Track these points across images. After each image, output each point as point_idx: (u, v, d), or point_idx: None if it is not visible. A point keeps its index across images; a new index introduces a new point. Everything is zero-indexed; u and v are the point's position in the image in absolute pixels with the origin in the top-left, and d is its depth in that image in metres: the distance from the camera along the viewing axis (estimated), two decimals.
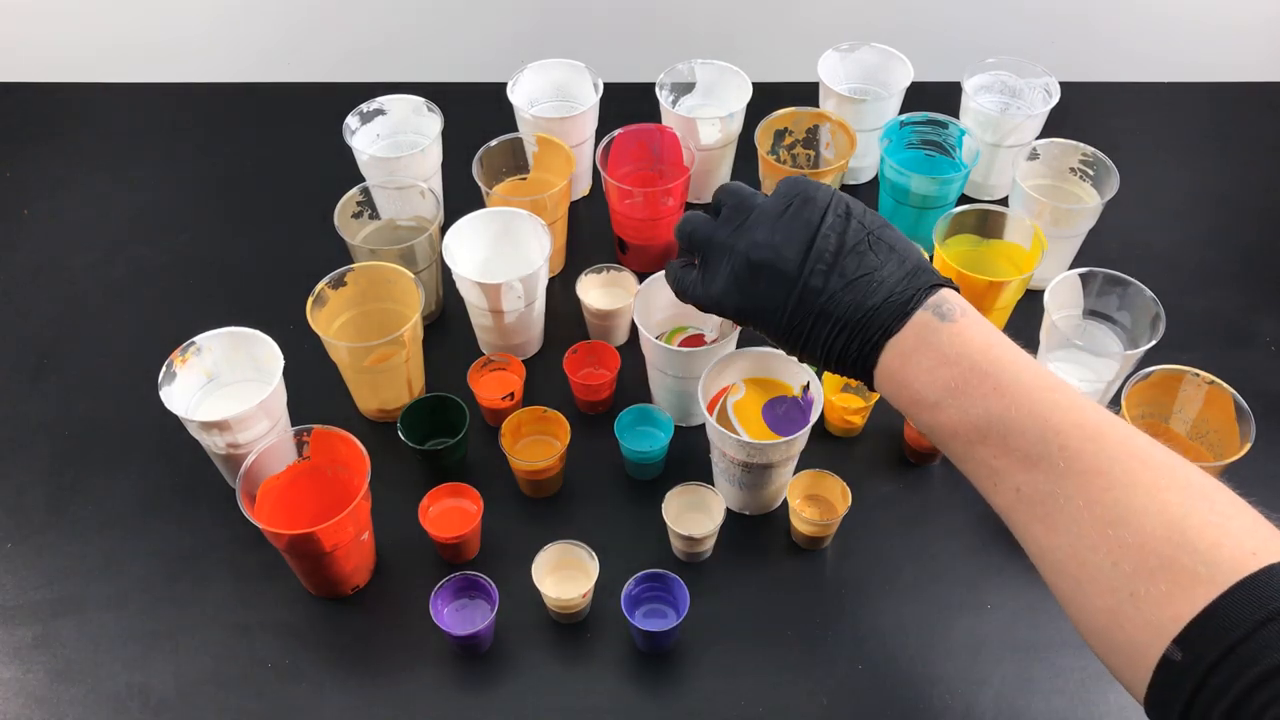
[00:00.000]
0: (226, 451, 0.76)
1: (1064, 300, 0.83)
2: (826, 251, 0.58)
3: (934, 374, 0.55)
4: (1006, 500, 0.54)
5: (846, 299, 0.58)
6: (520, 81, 1.00)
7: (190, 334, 0.77)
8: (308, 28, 1.19)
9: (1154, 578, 0.46)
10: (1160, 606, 0.46)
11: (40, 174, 1.08)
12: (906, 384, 0.57)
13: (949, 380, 0.55)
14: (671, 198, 0.91)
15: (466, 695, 0.70)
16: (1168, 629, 0.45)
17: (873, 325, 0.57)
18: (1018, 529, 0.54)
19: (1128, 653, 0.48)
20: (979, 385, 0.54)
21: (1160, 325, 0.79)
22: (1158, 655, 0.46)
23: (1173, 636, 0.45)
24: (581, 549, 0.72)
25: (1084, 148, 0.92)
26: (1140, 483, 0.49)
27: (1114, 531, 0.48)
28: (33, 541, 0.79)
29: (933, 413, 0.56)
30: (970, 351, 0.55)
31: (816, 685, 0.71)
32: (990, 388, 0.53)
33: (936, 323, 0.56)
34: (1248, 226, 1.02)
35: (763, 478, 0.75)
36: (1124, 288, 0.82)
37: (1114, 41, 1.19)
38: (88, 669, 0.72)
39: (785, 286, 0.59)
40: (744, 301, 0.61)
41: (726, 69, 1.01)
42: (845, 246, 0.58)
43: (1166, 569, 0.46)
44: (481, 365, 0.85)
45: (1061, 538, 0.50)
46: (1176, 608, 0.45)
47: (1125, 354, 0.79)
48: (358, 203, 0.89)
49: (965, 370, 0.54)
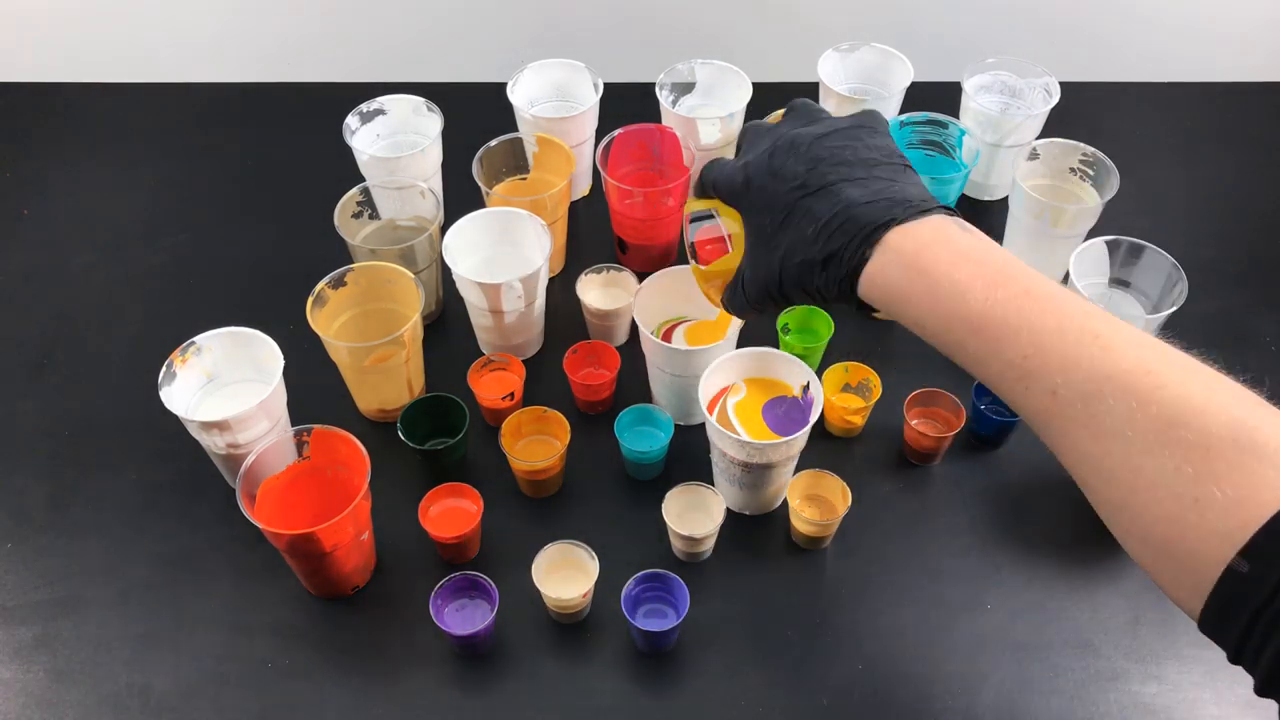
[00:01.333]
0: (226, 451, 0.76)
1: (1088, 269, 0.84)
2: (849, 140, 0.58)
3: (958, 267, 0.52)
4: (1039, 404, 0.49)
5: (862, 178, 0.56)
6: (520, 81, 1.00)
7: (190, 334, 0.78)
8: (308, 28, 1.19)
9: (1220, 482, 0.43)
10: (1227, 514, 0.42)
11: (40, 174, 1.08)
12: (924, 269, 0.52)
13: (975, 275, 0.51)
14: (671, 198, 0.91)
15: (466, 695, 0.70)
16: (1235, 537, 0.42)
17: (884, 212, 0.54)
18: (1053, 436, 0.50)
19: (1188, 564, 0.44)
20: (1008, 285, 0.50)
21: (1181, 289, 0.80)
22: (1221, 566, 0.42)
23: (1239, 546, 0.42)
24: (581, 549, 0.72)
25: (1084, 148, 0.92)
26: (1195, 384, 0.45)
27: (1174, 431, 0.44)
28: (33, 541, 0.79)
29: (953, 303, 0.51)
30: (994, 258, 0.52)
31: (816, 685, 0.71)
32: (1021, 289, 0.50)
33: (954, 226, 0.54)
34: (1248, 226, 1.02)
35: (763, 478, 0.75)
36: (1142, 253, 0.84)
37: (1114, 41, 1.19)
38: (88, 669, 0.72)
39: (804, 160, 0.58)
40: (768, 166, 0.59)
41: (726, 69, 1.01)
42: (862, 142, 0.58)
43: (1233, 471, 0.42)
44: (481, 365, 0.85)
45: (1112, 442, 0.46)
46: (1245, 514, 0.42)
47: (1147, 318, 0.80)
48: (358, 203, 0.89)
49: (992, 270, 0.51)
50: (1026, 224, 0.91)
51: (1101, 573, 0.76)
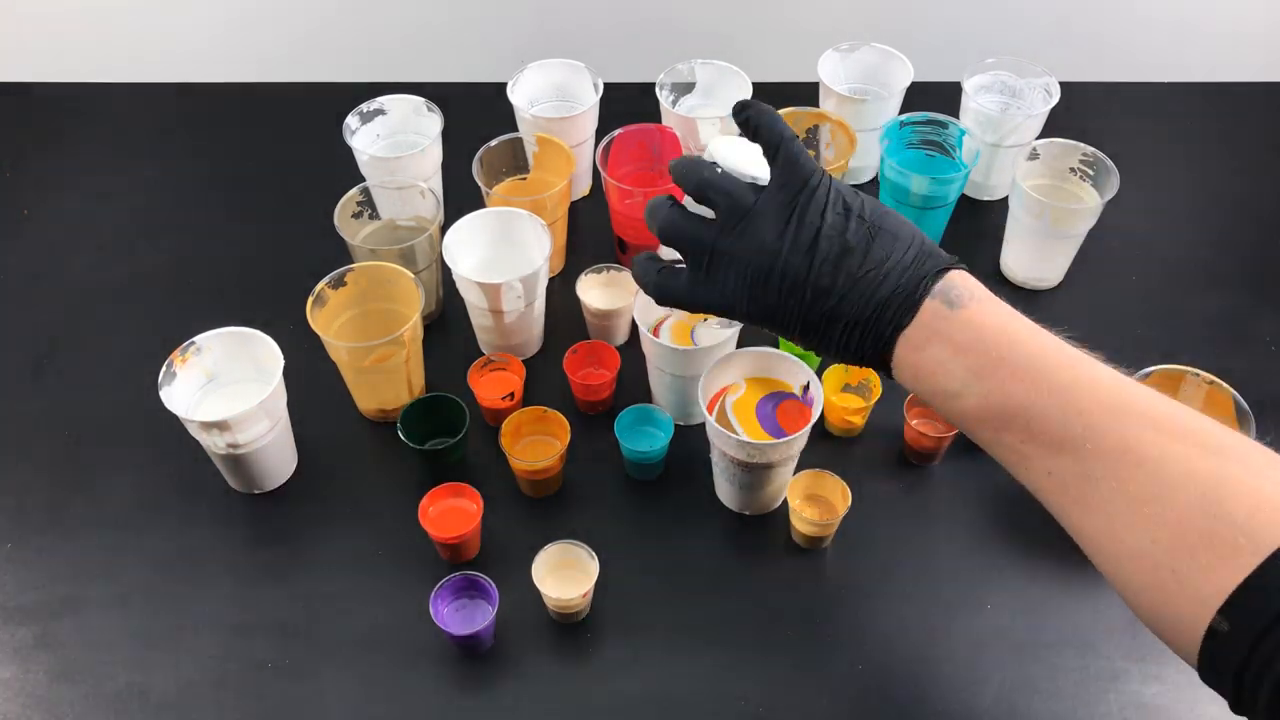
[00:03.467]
0: (226, 451, 0.76)
1: None
2: (831, 253, 0.57)
3: (950, 364, 0.55)
4: (1039, 483, 0.54)
5: (854, 297, 0.57)
6: (520, 81, 1.00)
7: (190, 334, 0.78)
8: (308, 28, 1.19)
9: (1194, 553, 0.46)
10: (1203, 580, 0.46)
11: (40, 174, 1.08)
12: (924, 377, 0.56)
13: (966, 369, 0.54)
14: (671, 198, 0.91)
15: (466, 695, 0.70)
16: (1212, 601, 0.45)
17: (883, 320, 0.56)
18: (1053, 510, 0.54)
19: (1175, 626, 0.48)
20: (996, 371, 0.53)
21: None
22: (1204, 627, 0.46)
23: (1217, 608, 0.45)
24: (581, 549, 0.72)
25: (1084, 148, 0.92)
26: (1170, 455, 0.48)
27: (1149, 509, 0.48)
28: (33, 541, 0.79)
29: (954, 402, 0.55)
30: (984, 337, 0.54)
31: (816, 685, 0.71)
32: (1008, 373, 0.53)
33: (946, 311, 0.55)
34: (1248, 226, 1.02)
35: (763, 478, 0.75)
36: None
37: (1114, 41, 1.19)
38: (88, 669, 0.72)
39: (796, 293, 0.58)
40: (753, 307, 0.59)
41: (726, 69, 1.01)
42: (849, 246, 0.57)
43: (1206, 543, 0.46)
44: (481, 365, 0.85)
45: (1098, 519, 0.50)
46: (1219, 580, 0.45)
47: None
48: (358, 203, 0.89)
49: (980, 357, 0.54)
50: (1026, 224, 0.91)
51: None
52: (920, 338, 0.56)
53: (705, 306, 0.61)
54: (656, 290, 0.63)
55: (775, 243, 0.58)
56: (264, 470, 0.79)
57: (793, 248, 0.57)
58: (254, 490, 0.81)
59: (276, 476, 0.81)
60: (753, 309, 0.60)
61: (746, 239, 0.58)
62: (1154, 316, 0.93)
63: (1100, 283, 0.96)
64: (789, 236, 0.57)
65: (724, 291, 0.60)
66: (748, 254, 0.58)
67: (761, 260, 0.58)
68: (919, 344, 0.56)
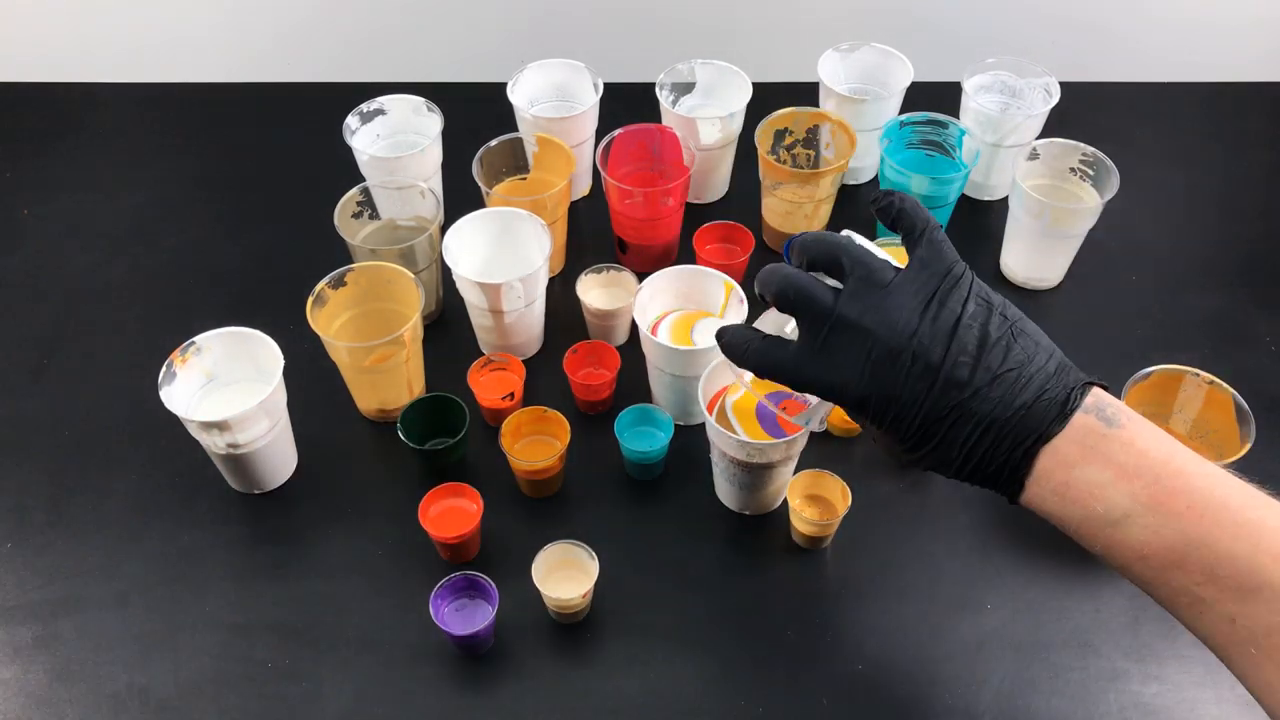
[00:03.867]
0: (226, 451, 0.76)
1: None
2: (970, 344, 0.51)
3: (1111, 490, 0.49)
4: (1218, 630, 0.48)
5: (993, 395, 0.51)
6: (520, 81, 1.00)
7: (190, 334, 0.78)
8: (307, 28, 1.19)
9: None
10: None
11: (40, 174, 1.08)
12: (1076, 499, 0.50)
13: (1131, 497, 0.49)
14: (671, 198, 0.91)
15: (466, 695, 0.70)
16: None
17: (1025, 427, 0.51)
18: (1236, 663, 0.48)
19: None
20: (1169, 503, 0.48)
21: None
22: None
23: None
24: (581, 549, 0.72)
25: (1084, 148, 0.92)
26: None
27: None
28: (33, 541, 0.79)
29: (1111, 531, 0.50)
30: (1151, 464, 0.49)
31: (816, 685, 0.71)
32: (1184, 506, 0.48)
33: (1103, 428, 0.50)
34: (1247, 226, 1.02)
35: (762, 478, 0.75)
36: None
37: (1114, 41, 1.19)
38: (88, 669, 0.72)
39: (926, 378, 0.52)
40: (872, 390, 0.53)
41: (726, 69, 1.01)
42: (989, 339, 0.52)
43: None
44: (481, 365, 0.85)
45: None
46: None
47: None
48: (358, 203, 0.89)
49: (1150, 485, 0.49)
50: (1026, 224, 0.91)
51: (1101, 573, 0.76)
52: (1074, 454, 0.50)
53: (812, 382, 0.55)
54: (758, 359, 0.56)
55: (911, 321, 0.52)
56: (264, 470, 0.79)
57: (930, 330, 0.52)
58: (254, 490, 0.81)
59: (276, 476, 0.81)
60: (870, 391, 0.53)
61: (879, 312, 0.53)
62: (1154, 316, 0.93)
63: (1100, 283, 0.96)
64: (928, 317, 0.52)
65: (839, 366, 0.53)
66: (876, 328, 0.52)
67: (891, 338, 0.52)
68: (1072, 461, 0.50)
